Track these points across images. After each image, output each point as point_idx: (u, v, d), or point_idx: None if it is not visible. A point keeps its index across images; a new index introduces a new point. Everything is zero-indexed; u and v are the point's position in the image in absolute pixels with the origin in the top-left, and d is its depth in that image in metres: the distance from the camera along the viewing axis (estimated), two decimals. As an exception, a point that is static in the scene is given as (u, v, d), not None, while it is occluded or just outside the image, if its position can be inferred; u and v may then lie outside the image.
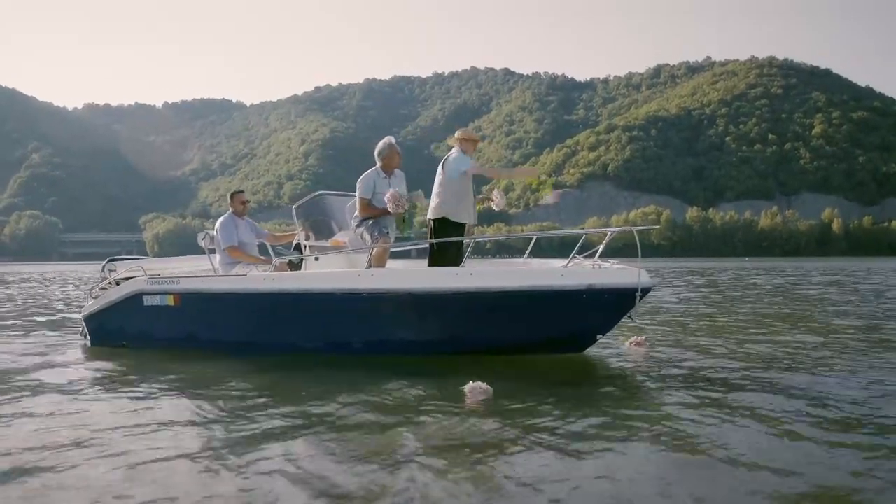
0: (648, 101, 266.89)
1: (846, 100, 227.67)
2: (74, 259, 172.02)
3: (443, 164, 7.04)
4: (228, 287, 6.96)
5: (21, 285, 26.70)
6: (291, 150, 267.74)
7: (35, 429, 4.18)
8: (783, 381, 5.45)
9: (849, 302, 14.26)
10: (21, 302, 16.29)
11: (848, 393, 5.00)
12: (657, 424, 4.17)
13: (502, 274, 6.21)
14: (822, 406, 4.58)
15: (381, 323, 6.43)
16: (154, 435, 4.04)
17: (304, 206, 7.67)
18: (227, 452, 3.69)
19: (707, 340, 8.03)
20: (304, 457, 3.60)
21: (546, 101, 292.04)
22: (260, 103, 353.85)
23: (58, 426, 4.24)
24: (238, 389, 5.34)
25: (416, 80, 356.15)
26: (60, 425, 4.26)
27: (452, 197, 6.88)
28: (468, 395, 4.94)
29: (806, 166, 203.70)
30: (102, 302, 7.86)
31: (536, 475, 3.27)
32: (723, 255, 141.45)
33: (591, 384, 5.55)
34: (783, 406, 4.58)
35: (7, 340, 8.60)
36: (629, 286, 5.87)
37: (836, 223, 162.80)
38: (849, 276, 30.34)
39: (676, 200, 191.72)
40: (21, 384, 5.60)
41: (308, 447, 3.78)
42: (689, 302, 14.58)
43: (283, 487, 3.13)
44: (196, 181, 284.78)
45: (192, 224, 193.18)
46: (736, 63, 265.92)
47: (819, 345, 7.59)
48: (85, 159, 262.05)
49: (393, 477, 3.28)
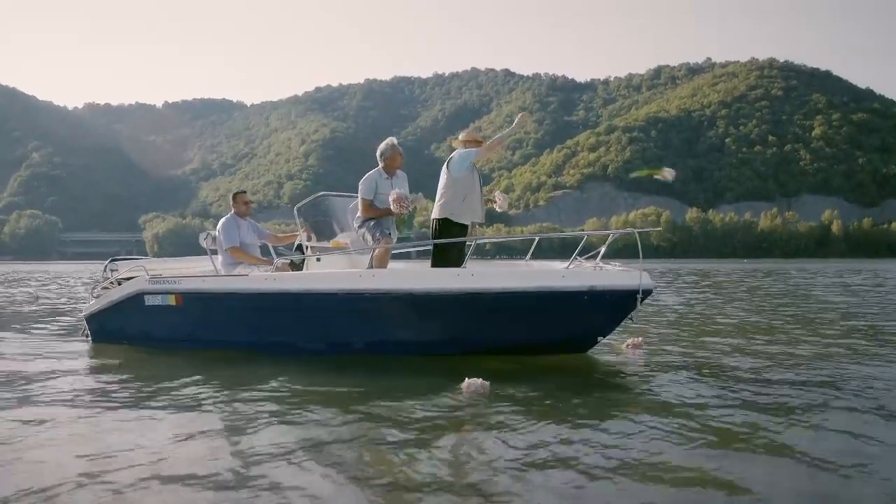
0: (649, 102, 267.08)
1: (846, 101, 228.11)
2: (74, 258, 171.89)
3: (447, 164, 7.01)
4: (230, 287, 6.98)
5: (21, 287, 26.62)
6: (291, 151, 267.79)
7: (36, 431, 4.18)
8: (779, 379, 5.49)
9: (848, 303, 14.32)
10: (22, 301, 16.30)
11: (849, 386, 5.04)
12: (651, 424, 4.20)
13: (504, 275, 6.23)
14: (807, 406, 4.62)
15: (382, 324, 6.44)
16: (157, 437, 4.02)
17: (305, 207, 7.68)
18: (217, 446, 3.75)
19: (706, 341, 8.06)
20: (297, 455, 3.61)
21: (546, 101, 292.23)
22: (260, 103, 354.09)
23: (59, 427, 4.25)
24: (238, 387, 5.37)
25: (417, 81, 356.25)
26: (62, 426, 4.27)
27: (455, 197, 6.87)
28: (465, 391, 4.99)
29: (806, 168, 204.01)
30: (104, 302, 7.87)
31: (532, 472, 3.31)
32: (722, 256, 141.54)
33: (588, 384, 5.58)
34: (780, 405, 4.62)
35: (8, 340, 8.60)
36: (630, 288, 5.90)
37: (836, 225, 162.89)
38: (847, 275, 30.36)
39: (676, 202, 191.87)
40: (22, 385, 5.61)
41: (300, 447, 3.76)
42: (687, 303, 14.62)
43: (271, 493, 3.09)
44: (196, 181, 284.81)
45: (191, 224, 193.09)
46: (736, 64, 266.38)
47: (815, 343, 7.61)
48: (85, 158, 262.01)
49: (386, 473, 3.31)
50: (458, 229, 6.88)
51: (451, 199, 6.88)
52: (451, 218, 6.87)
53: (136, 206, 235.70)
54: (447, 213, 6.87)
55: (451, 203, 6.87)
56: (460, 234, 6.86)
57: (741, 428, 4.08)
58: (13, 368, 6.40)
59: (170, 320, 7.35)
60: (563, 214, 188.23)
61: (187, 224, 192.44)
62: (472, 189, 6.94)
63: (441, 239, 6.81)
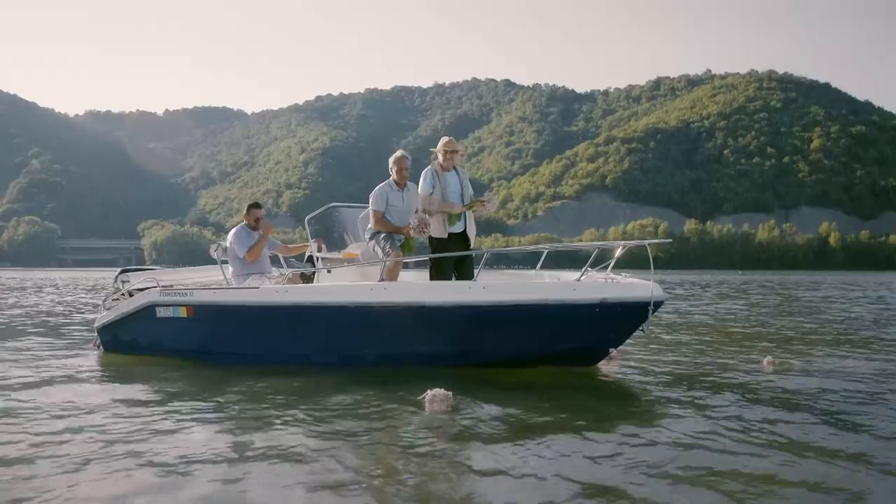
0: (648, 113, 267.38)
1: (845, 114, 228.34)
2: (73, 265, 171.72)
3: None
4: (241, 299, 6.98)
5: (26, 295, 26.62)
6: (291, 159, 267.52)
7: (47, 440, 4.22)
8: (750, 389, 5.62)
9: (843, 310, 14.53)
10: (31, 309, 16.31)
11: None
12: (612, 431, 4.34)
13: (514, 287, 6.26)
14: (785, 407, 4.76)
15: (393, 336, 6.43)
16: (169, 443, 4.12)
17: (316, 219, 7.73)
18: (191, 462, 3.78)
19: (683, 352, 8.12)
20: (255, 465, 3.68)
21: (546, 112, 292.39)
22: (261, 112, 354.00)
23: (73, 436, 4.30)
24: (243, 401, 5.49)
25: (417, 91, 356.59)
26: (75, 435, 4.33)
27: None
28: (428, 403, 5.03)
29: (804, 180, 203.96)
30: (116, 313, 7.88)
31: (492, 478, 3.41)
32: (720, 267, 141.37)
33: (554, 395, 5.55)
34: (755, 413, 4.76)
35: (20, 350, 8.53)
36: (642, 300, 5.89)
37: (834, 237, 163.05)
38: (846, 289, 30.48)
39: (674, 213, 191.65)
40: (35, 395, 5.62)
41: (258, 457, 3.81)
42: (672, 315, 14.78)
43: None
44: (196, 189, 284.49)
45: (190, 231, 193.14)
46: (736, 76, 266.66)
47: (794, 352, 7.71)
48: (85, 165, 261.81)
49: (347, 485, 3.34)
50: (440, 243, 6.96)
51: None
52: (433, 234, 6.97)
53: (136, 213, 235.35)
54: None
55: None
56: (454, 246, 6.95)
57: (715, 439, 4.18)
58: (26, 378, 6.42)
59: (181, 332, 7.36)
60: (562, 225, 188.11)
61: (185, 232, 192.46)
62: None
63: (443, 253, 6.87)
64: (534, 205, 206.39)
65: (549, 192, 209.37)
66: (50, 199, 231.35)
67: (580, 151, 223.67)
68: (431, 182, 7.00)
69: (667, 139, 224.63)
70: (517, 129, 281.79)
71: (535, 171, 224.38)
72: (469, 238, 7.17)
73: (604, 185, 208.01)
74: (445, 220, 6.98)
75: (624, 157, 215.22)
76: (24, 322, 12.76)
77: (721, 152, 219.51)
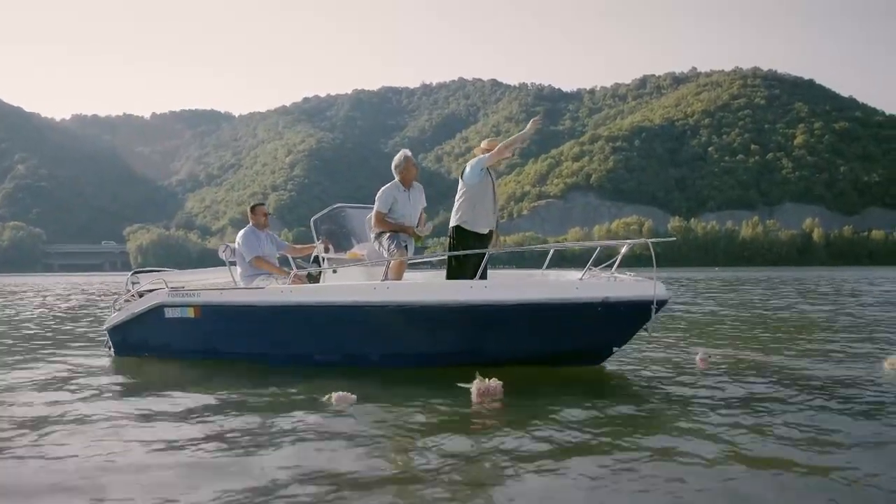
0: (634, 111, 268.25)
1: (828, 110, 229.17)
2: (60, 270, 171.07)
3: (461, 173, 7.14)
4: (247, 300, 7.06)
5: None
6: (277, 161, 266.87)
7: (64, 442, 4.31)
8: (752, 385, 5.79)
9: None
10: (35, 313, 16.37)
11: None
12: (612, 431, 4.35)
13: (517, 286, 6.32)
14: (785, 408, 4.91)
15: (397, 336, 6.47)
16: (181, 448, 4.15)
17: (322, 219, 7.82)
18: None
19: (664, 349, 8.16)
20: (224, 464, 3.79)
21: (533, 111, 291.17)
22: (248, 114, 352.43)
23: (88, 438, 4.38)
24: (243, 399, 5.56)
25: (404, 91, 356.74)
26: (90, 437, 4.41)
27: (468, 205, 6.97)
28: (335, 403, 5.13)
29: (788, 176, 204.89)
30: (126, 314, 7.96)
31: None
32: (704, 265, 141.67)
33: (556, 393, 5.56)
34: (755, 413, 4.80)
35: (32, 353, 8.62)
36: (645, 299, 5.88)
37: (817, 233, 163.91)
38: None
39: (659, 211, 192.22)
40: (49, 397, 5.68)
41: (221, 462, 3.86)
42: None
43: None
44: (183, 192, 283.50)
45: (175, 235, 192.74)
46: (720, 73, 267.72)
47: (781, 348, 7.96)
48: (72, 170, 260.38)
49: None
50: (474, 238, 6.96)
51: (465, 207, 6.99)
52: (463, 226, 6.98)
53: (123, 217, 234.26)
54: (460, 221, 6.98)
55: (464, 212, 6.99)
56: (476, 243, 6.92)
57: (708, 440, 4.14)
58: (38, 379, 6.51)
59: (189, 332, 7.45)
60: (547, 224, 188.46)
61: (171, 235, 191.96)
62: (484, 196, 7.02)
63: (457, 248, 6.92)
64: (519, 204, 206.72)
65: (534, 192, 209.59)
66: (36, 203, 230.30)
67: (565, 150, 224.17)
68: (480, 173, 7.06)
69: (651, 137, 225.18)
70: (504, 129, 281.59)
71: (521, 170, 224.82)
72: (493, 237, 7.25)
73: (588, 184, 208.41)
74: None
75: (609, 155, 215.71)
76: (28, 327, 12.82)
77: (705, 150, 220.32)
